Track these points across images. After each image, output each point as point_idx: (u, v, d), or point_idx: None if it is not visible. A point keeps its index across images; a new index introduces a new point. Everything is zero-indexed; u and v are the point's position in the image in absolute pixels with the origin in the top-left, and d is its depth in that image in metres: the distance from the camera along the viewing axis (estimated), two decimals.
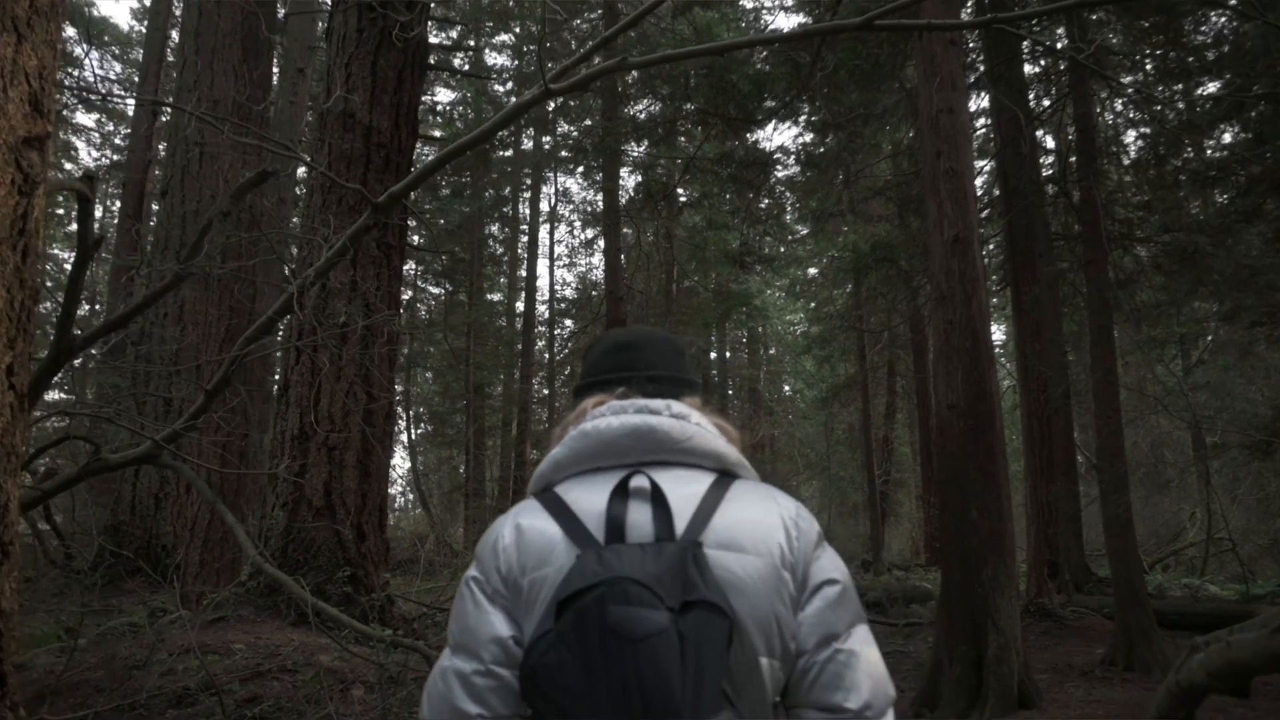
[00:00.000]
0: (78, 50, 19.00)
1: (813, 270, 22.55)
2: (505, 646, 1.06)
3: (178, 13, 15.67)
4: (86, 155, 24.25)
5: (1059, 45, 9.69)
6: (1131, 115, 11.74)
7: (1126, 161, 12.09)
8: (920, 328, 17.44)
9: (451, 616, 1.14)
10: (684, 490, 1.12)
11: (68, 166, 24.27)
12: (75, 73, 20.03)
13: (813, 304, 23.66)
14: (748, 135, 11.36)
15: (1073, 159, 10.29)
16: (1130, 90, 9.97)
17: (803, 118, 8.43)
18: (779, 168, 12.40)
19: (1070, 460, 11.06)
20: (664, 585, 0.95)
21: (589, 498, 1.12)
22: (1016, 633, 4.84)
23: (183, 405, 6.81)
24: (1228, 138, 10.52)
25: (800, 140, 9.61)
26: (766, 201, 14.37)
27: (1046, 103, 10.98)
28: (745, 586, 1.05)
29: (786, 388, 29.00)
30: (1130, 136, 12.05)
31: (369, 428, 6.00)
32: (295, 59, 13.16)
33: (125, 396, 7.41)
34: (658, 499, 1.09)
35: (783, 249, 14.98)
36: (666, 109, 8.59)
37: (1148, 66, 11.02)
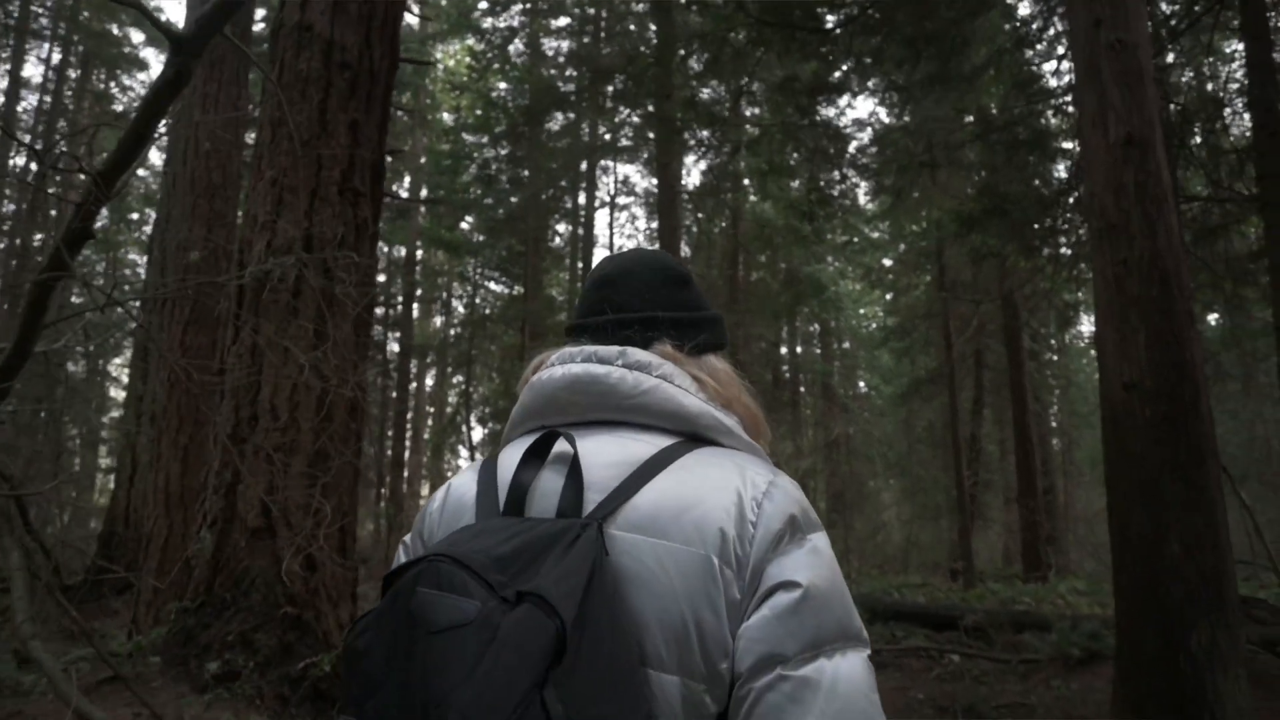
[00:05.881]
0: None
1: (888, 260, 20.69)
2: None
3: None
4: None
5: None
6: None
7: None
8: (1014, 310, 15.30)
9: None
10: (617, 456, 0.90)
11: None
12: None
13: (889, 294, 21.77)
14: (822, 103, 9.60)
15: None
16: None
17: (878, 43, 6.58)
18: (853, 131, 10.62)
19: None
20: (505, 569, 0.76)
21: (515, 460, 0.93)
22: None
23: None
24: None
25: (876, 84, 7.69)
26: (841, 174, 12.54)
27: None
28: (654, 582, 0.81)
29: (861, 383, 27.03)
30: None
31: (327, 424, 4.50)
32: None
33: None
34: (573, 466, 0.88)
35: (849, 202, 13.04)
36: (715, 25, 6.84)
37: None
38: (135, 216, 21.65)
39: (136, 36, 20.92)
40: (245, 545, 4.22)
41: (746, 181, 18.44)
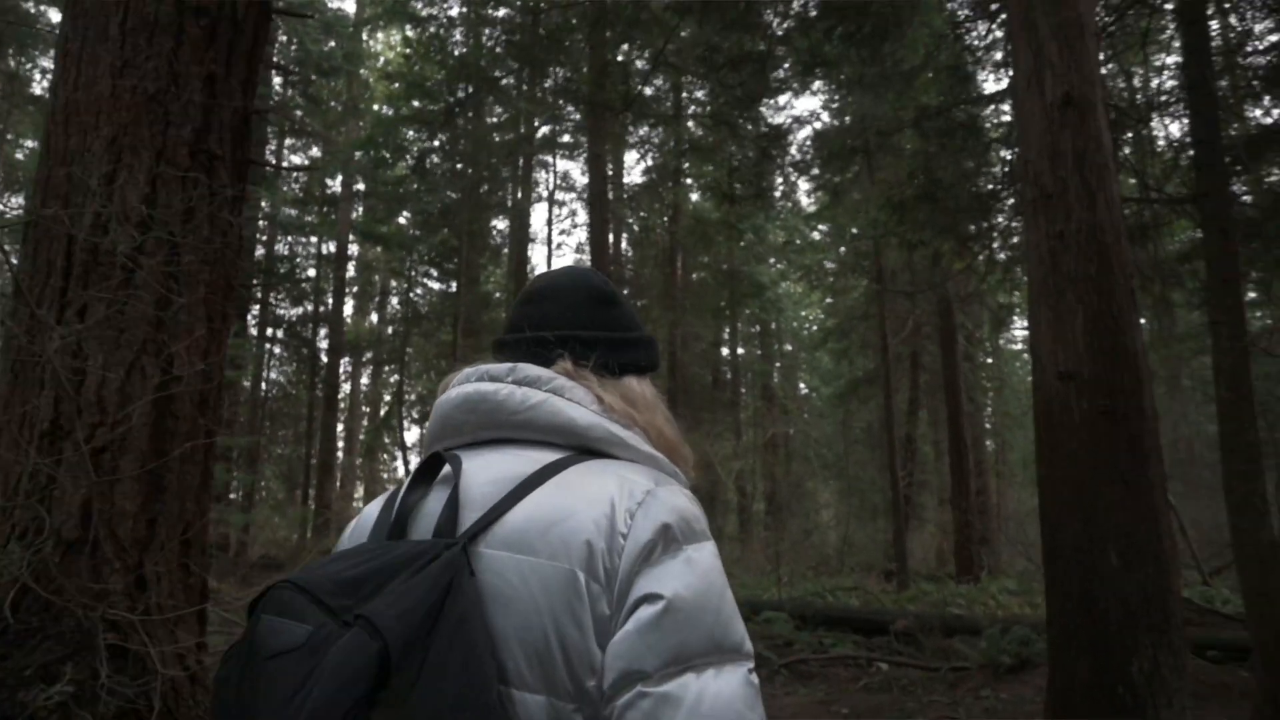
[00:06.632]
0: None
1: (830, 263, 20.57)
2: None
3: None
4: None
5: None
6: None
7: None
8: (949, 312, 15.14)
9: None
10: (498, 473, 0.88)
11: None
12: None
13: (829, 297, 21.63)
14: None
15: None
16: None
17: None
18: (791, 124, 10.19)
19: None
20: (353, 593, 0.75)
21: None
22: None
23: None
24: None
25: (803, 64, 7.22)
26: (781, 172, 12.17)
27: None
28: (515, 599, 0.79)
29: (802, 385, 26.91)
30: None
31: (169, 420, 3.87)
32: None
33: None
34: (453, 487, 0.87)
35: (790, 204, 12.70)
36: None
37: None
38: None
39: (54, 16, 19.72)
40: (60, 561, 3.56)
41: (689, 180, 18.09)
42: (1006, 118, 9.08)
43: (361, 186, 20.46)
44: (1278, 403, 11.18)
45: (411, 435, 24.63)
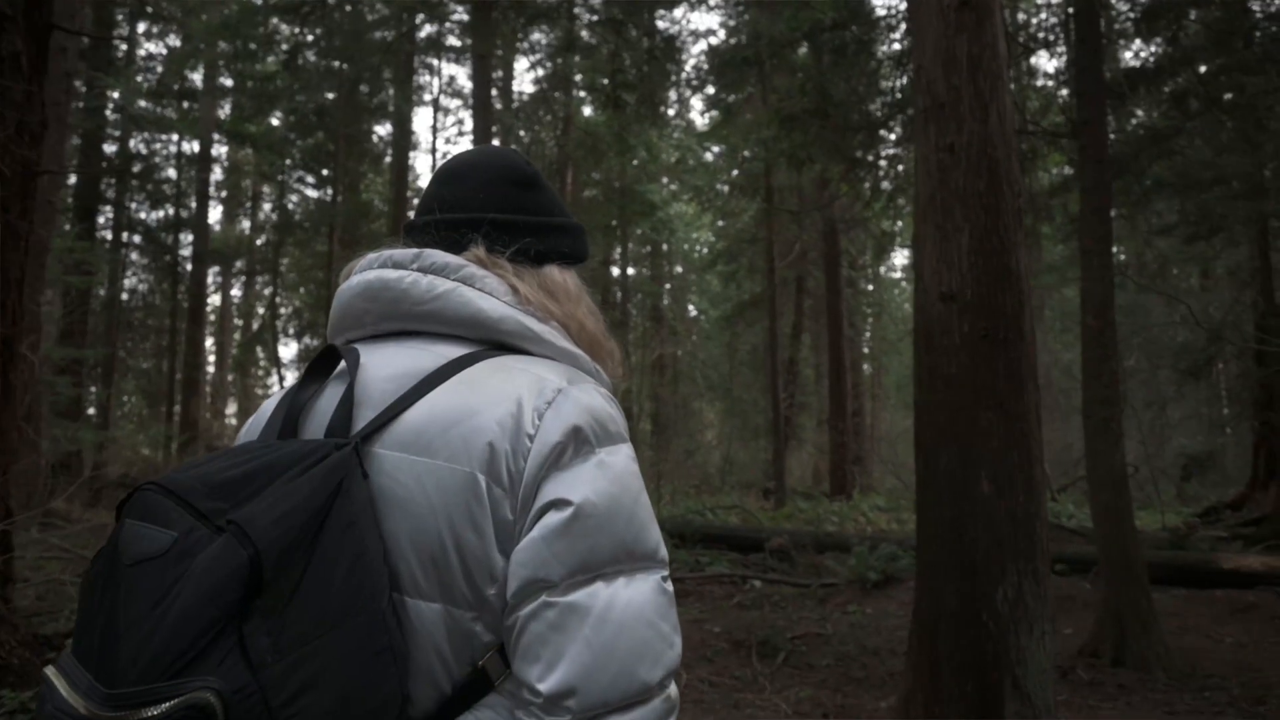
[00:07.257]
0: None
1: (724, 187, 20.43)
2: None
3: None
4: None
5: None
6: None
7: None
8: (834, 238, 15.27)
9: None
10: (400, 369, 0.82)
11: None
12: None
13: (720, 221, 21.56)
14: None
15: None
16: None
17: None
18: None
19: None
20: (230, 496, 0.69)
21: None
22: (1050, 700, 2.61)
23: None
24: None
25: None
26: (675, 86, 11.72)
27: None
28: (410, 502, 0.74)
29: (691, 308, 27.00)
30: None
31: None
32: None
33: None
34: (349, 383, 0.81)
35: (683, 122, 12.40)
36: None
37: None
38: None
39: None
40: None
41: (581, 94, 17.38)
42: (898, 46, 8.97)
43: (228, 81, 18.73)
44: (1134, 334, 11.80)
45: (287, 350, 23.47)
